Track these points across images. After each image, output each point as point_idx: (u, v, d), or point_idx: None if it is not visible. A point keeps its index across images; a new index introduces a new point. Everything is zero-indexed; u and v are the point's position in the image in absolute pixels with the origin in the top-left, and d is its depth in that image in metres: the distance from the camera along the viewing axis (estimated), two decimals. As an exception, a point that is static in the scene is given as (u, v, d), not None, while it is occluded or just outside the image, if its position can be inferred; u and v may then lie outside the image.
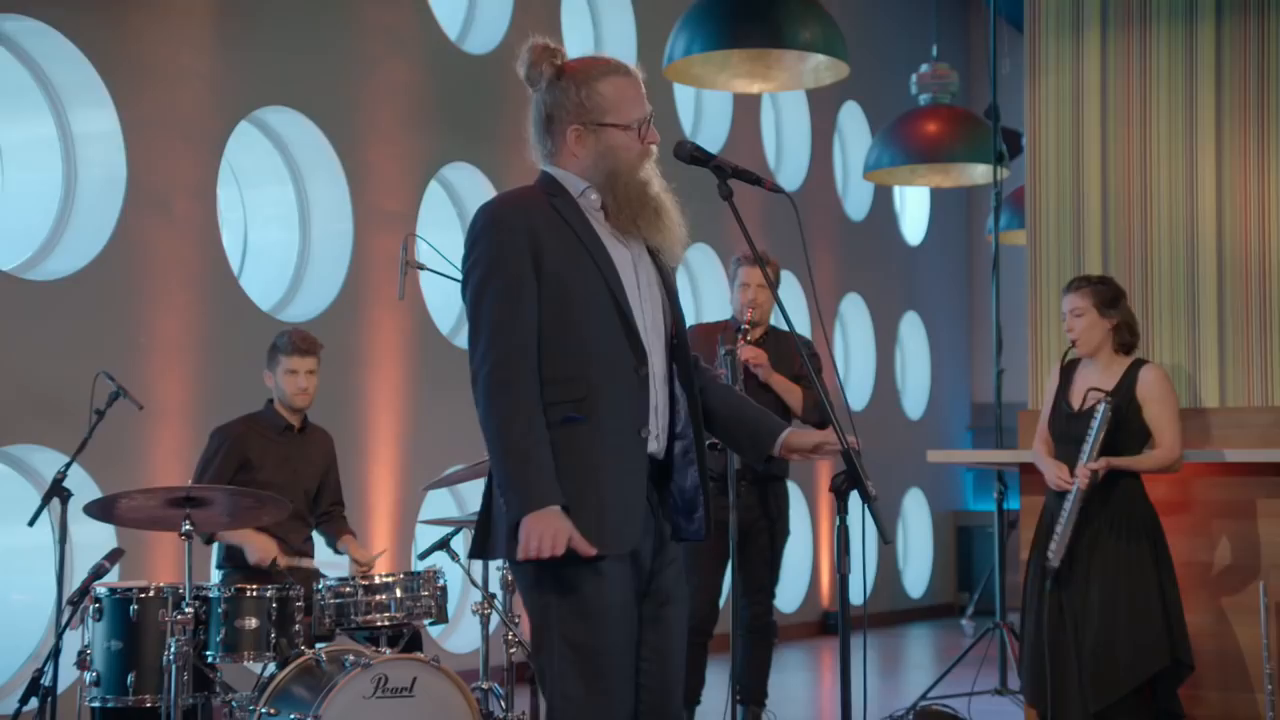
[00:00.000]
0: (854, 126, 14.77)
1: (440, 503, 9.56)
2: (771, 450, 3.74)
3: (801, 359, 6.16)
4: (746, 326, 6.54)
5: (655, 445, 3.66)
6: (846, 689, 3.55)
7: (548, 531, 3.43)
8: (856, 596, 13.80)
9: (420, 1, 9.69)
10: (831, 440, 3.62)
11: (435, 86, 9.74)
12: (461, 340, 10.02)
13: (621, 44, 11.55)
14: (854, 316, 14.80)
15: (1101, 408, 5.85)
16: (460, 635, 9.40)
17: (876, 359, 14.97)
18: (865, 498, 3.46)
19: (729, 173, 3.71)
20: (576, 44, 11.19)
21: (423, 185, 9.67)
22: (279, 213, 9.17)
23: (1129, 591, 5.85)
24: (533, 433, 3.52)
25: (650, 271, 3.75)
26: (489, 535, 3.67)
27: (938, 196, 16.11)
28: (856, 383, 14.74)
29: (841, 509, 3.53)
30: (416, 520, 9.35)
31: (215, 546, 6.37)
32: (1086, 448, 5.82)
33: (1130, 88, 6.75)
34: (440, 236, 7.80)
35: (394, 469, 9.21)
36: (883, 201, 15.09)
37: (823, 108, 13.95)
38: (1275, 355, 6.52)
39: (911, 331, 15.88)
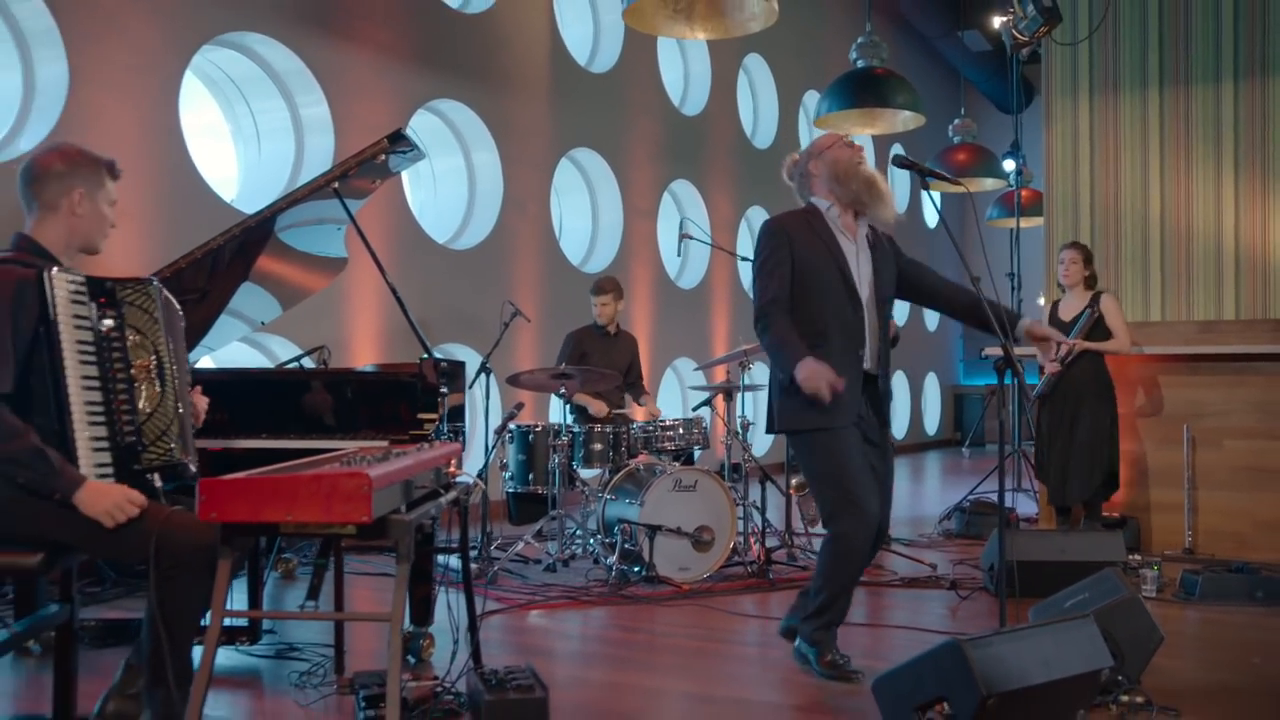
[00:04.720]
0: (897, 157, 14.36)
1: (671, 380, 9.53)
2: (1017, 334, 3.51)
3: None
4: None
5: (868, 363, 3.51)
6: (999, 489, 3.43)
7: (811, 370, 3.35)
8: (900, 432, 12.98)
9: (658, 82, 9.53)
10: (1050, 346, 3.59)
11: (667, 135, 9.58)
12: (682, 283, 9.93)
13: (768, 108, 11.29)
14: (896, 270, 14.45)
15: (1087, 310, 5.76)
16: (713, 457, 9.30)
17: (909, 295, 14.65)
18: (1015, 374, 3.33)
19: (926, 173, 3.55)
20: (746, 108, 10.98)
21: (660, 193, 9.54)
22: (580, 210, 9.10)
23: (1105, 433, 5.72)
24: (784, 331, 3.44)
25: (868, 256, 3.57)
26: (771, 416, 3.60)
27: (946, 198, 15.63)
28: (900, 309, 14.43)
29: (1000, 380, 3.37)
30: (657, 389, 9.34)
31: (568, 407, 6.39)
32: (1074, 332, 5.71)
33: (1108, 130, 6.44)
34: (674, 224, 7.71)
35: (645, 360, 9.19)
36: (914, 202, 14.70)
37: (881, 147, 13.56)
38: (1194, 290, 6.26)
39: (928, 278, 15.51)
